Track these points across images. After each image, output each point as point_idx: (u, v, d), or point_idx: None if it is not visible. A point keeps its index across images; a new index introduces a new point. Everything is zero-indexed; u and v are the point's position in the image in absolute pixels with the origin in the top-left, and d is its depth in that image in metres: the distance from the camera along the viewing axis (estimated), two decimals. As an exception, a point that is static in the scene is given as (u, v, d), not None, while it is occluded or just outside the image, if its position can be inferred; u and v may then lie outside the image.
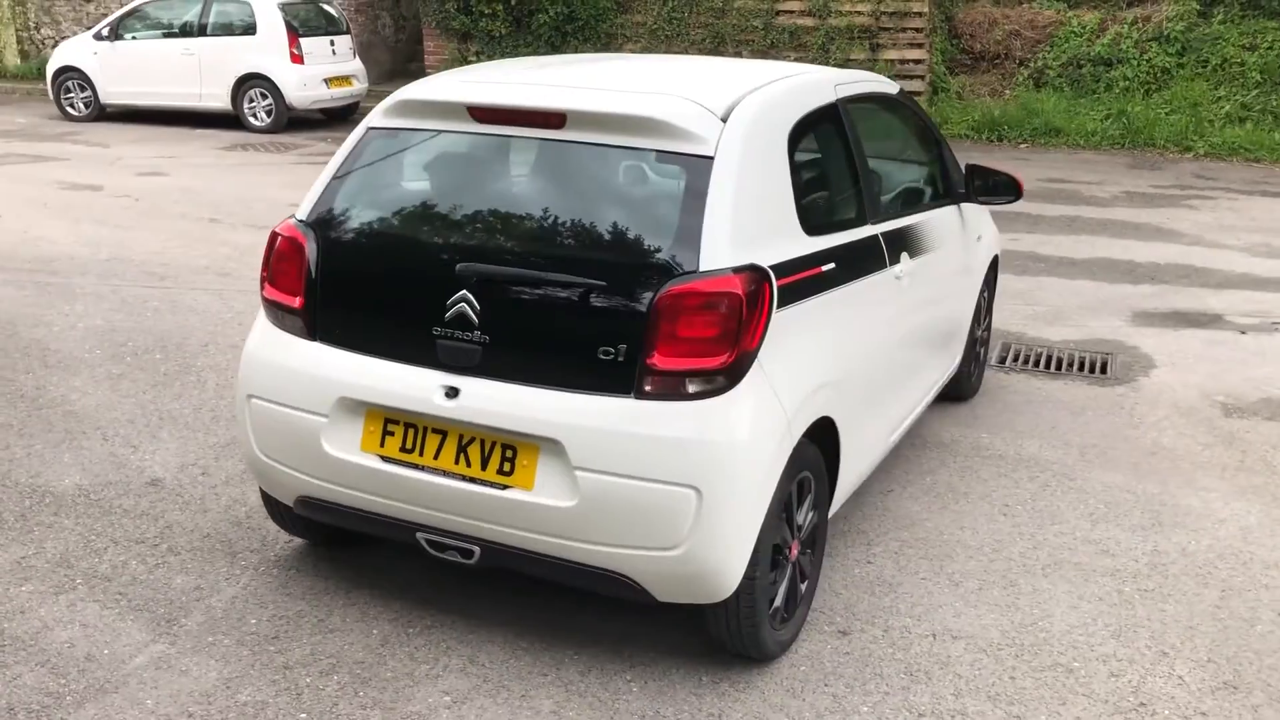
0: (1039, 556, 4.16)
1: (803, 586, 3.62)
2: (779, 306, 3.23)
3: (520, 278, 3.25)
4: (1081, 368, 6.19)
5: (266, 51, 13.92)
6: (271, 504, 3.91)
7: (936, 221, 4.64)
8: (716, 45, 15.04)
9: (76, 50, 14.77)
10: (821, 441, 3.59)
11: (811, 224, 3.53)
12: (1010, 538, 4.30)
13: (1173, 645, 3.62)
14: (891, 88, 4.67)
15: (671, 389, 3.09)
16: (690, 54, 15.08)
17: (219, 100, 14.16)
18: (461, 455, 3.29)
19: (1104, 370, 6.15)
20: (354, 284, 3.51)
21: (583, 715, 3.23)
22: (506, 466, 3.23)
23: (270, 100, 13.97)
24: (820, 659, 3.51)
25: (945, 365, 5.01)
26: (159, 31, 14.47)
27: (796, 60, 14.46)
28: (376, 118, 3.69)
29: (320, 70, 14.17)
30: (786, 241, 3.38)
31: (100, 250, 8.21)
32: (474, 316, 3.25)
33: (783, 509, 3.34)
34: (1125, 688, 3.40)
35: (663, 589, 3.20)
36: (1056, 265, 8.32)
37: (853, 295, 3.71)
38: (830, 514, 3.83)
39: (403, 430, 3.37)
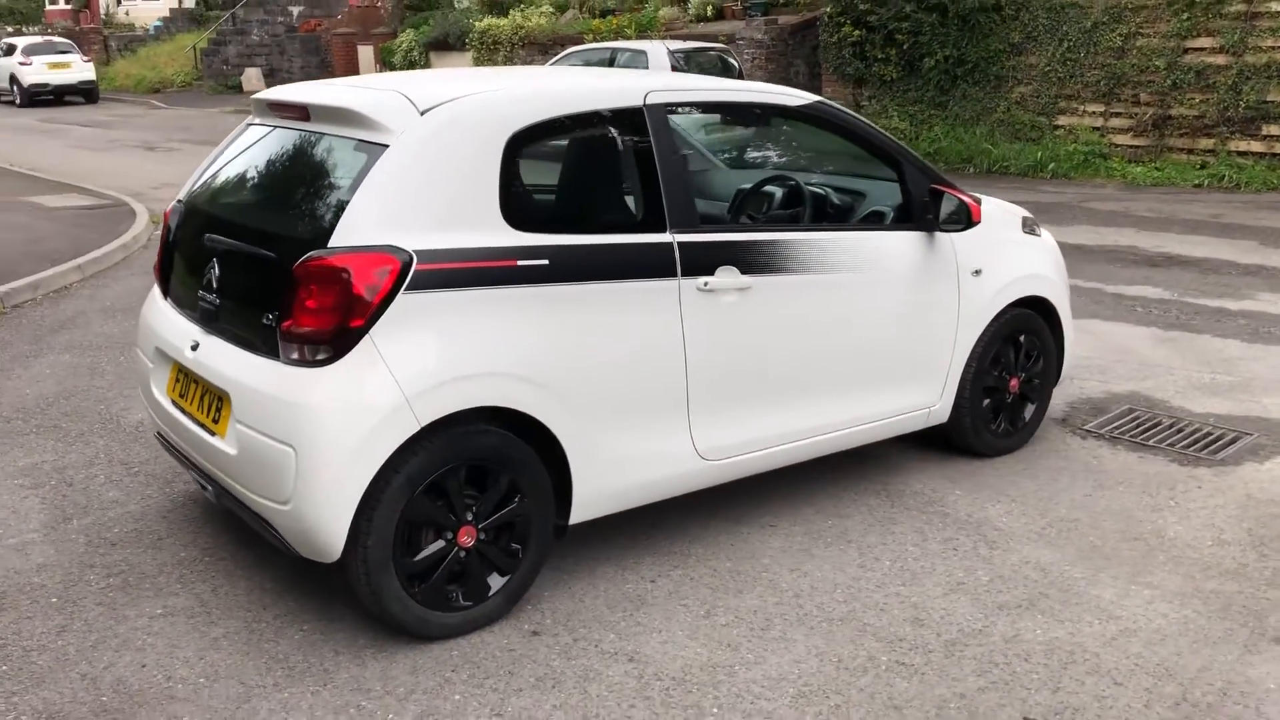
0: (833, 610, 3.75)
1: (499, 579, 3.64)
2: (427, 289, 3.36)
3: (232, 249, 3.70)
4: (1194, 444, 5.19)
5: (654, 95, 15.04)
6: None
7: (838, 242, 4.28)
8: (1113, 87, 13.81)
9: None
10: (539, 439, 3.61)
11: (528, 220, 3.57)
12: (828, 587, 3.89)
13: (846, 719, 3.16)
14: (792, 99, 4.38)
15: (300, 355, 3.36)
16: (1083, 96, 14.05)
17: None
18: (200, 401, 3.79)
19: (1218, 450, 5.12)
20: (177, 251, 4.14)
21: (230, 646, 3.56)
22: (215, 415, 3.68)
23: (653, 140, 15.09)
24: (477, 648, 3.53)
25: (888, 404, 4.54)
26: (577, 78, 16.21)
27: (1201, 102, 12.98)
28: (251, 114, 4.29)
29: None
30: (475, 232, 3.47)
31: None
32: (214, 282, 3.75)
33: (426, 489, 3.42)
34: (728, 742, 3.06)
35: (293, 542, 3.45)
36: (1319, 336, 6.87)
37: (593, 296, 3.65)
38: (573, 520, 3.79)
39: (184, 378, 3.93)
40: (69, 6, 41.71)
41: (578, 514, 3.78)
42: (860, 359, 4.42)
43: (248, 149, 4.07)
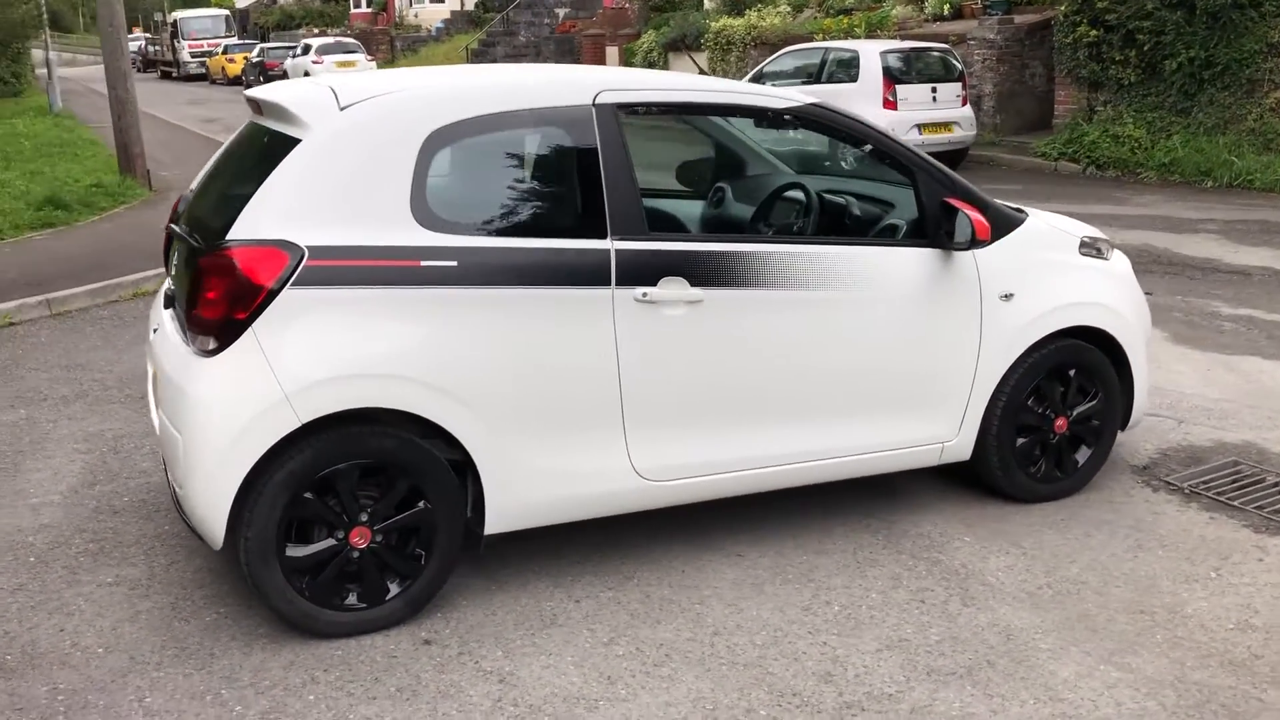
0: (743, 654, 3.46)
1: (395, 584, 3.58)
2: (318, 284, 3.34)
3: (180, 236, 3.82)
4: (1293, 508, 4.47)
5: (863, 97, 14.49)
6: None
7: (816, 255, 3.92)
8: (1384, 94, 12.14)
9: (730, 96, 16.89)
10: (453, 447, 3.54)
11: (443, 219, 3.49)
12: (754, 628, 3.60)
13: (678, 773, 2.90)
14: (776, 101, 4.04)
15: (200, 344, 3.43)
16: (1348, 104, 12.47)
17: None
18: (155, 382, 3.94)
19: (1319, 517, 4.39)
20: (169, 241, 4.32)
21: (147, 620, 3.69)
22: (158, 396, 3.82)
23: (860, 143, 14.59)
24: (362, 651, 3.48)
25: (886, 435, 4.14)
26: (792, 80, 15.89)
27: None
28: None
29: (911, 116, 14.36)
30: (382, 230, 3.42)
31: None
32: (173, 268, 3.91)
33: (315, 486, 3.41)
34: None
35: (196, 529, 3.53)
36: None
37: (509, 301, 3.51)
38: (490, 531, 3.68)
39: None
40: (369, 10, 45.00)
41: (493, 525, 3.67)
42: (846, 384, 4.05)
43: (231, 143, 4.20)
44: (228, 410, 3.31)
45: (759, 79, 16.31)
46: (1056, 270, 4.38)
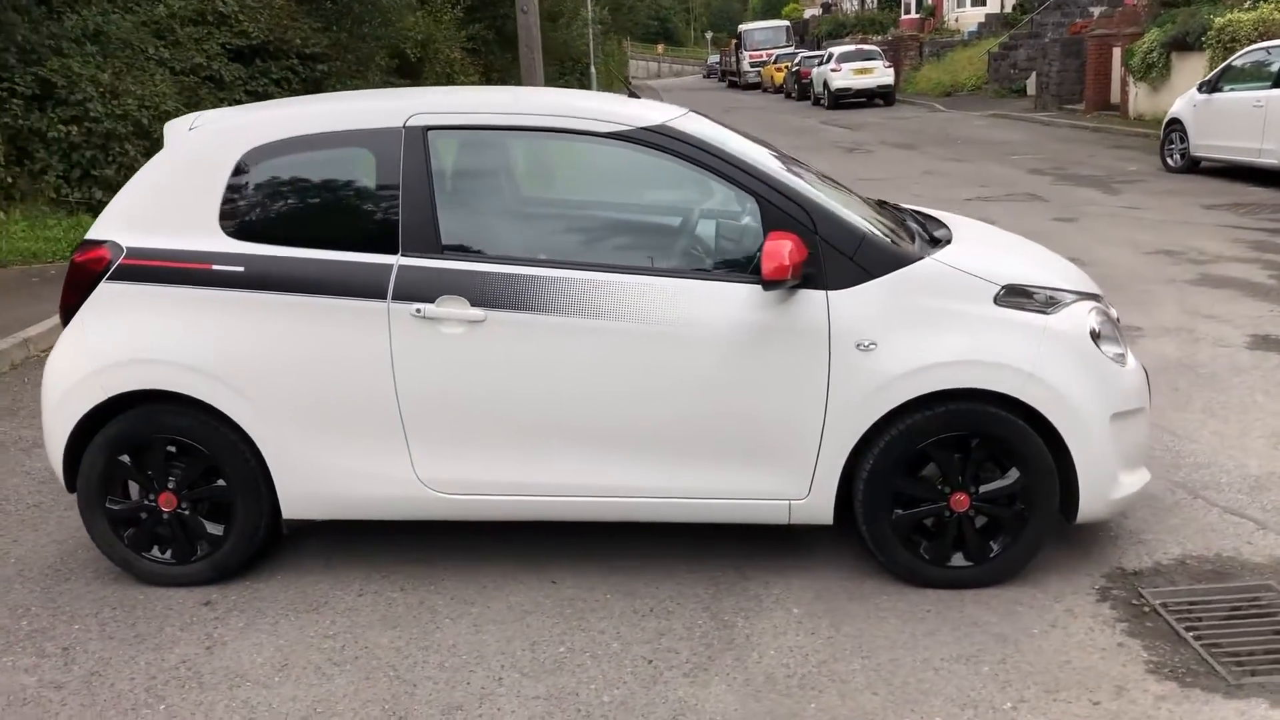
0: (414, 673, 3.48)
1: (204, 548, 4.06)
2: (128, 280, 3.91)
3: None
4: (1264, 654, 3.46)
5: (1320, 104, 12.23)
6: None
7: (611, 285, 3.71)
8: None
9: (1183, 103, 14.89)
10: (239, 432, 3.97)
11: (246, 230, 3.88)
12: (455, 652, 3.58)
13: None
14: (605, 124, 3.79)
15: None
16: None
17: (1275, 157, 12.94)
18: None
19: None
20: None
21: (49, 546, 4.51)
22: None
23: (1318, 160, 12.29)
24: (152, 600, 3.99)
25: (709, 483, 3.80)
26: (1250, 84, 13.71)
27: None
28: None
29: (1386, 127, 11.83)
30: (192, 237, 3.91)
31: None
32: None
33: (132, 452, 3.99)
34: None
35: (58, 473, 4.27)
36: None
37: (288, 306, 3.80)
38: (286, 516, 4.03)
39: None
40: (918, 15, 44.93)
41: (287, 510, 4.01)
42: (650, 420, 3.79)
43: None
44: (58, 378, 4.00)
45: (1213, 85, 14.26)
46: (947, 321, 3.72)
